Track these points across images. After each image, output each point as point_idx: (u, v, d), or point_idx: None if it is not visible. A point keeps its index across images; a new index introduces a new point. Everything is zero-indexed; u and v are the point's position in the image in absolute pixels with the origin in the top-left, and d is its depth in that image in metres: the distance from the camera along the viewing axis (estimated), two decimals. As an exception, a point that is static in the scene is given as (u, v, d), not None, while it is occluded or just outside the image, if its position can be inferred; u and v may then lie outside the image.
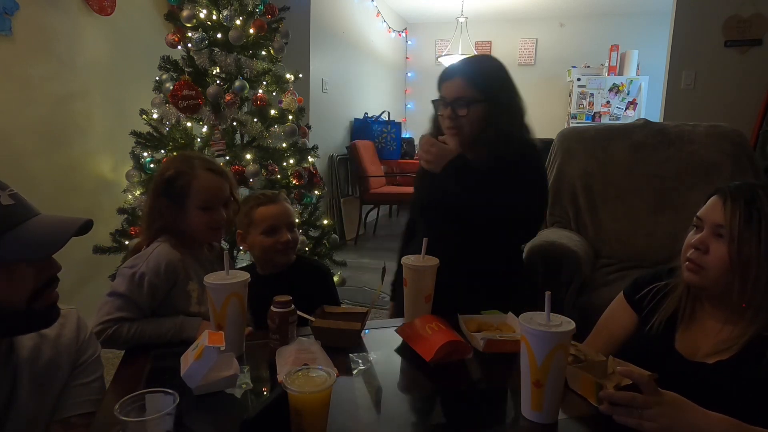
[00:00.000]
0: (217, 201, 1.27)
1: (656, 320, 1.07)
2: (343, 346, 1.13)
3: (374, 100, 5.80)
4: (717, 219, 0.98)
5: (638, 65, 5.83)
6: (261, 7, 2.58)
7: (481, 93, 1.37)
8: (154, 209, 1.25)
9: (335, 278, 2.37)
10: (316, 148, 2.86)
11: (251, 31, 2.53)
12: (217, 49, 2.44)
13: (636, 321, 1.15)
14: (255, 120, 2.50)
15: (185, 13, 2.43)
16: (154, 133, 2.48)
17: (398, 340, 1.17)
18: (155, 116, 2.49)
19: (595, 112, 5.89)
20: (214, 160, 1.41)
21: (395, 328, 1.21)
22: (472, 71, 1.39)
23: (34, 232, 0.81)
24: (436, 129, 1.48)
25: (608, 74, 5.90)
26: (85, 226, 0.85)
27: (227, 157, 2.48)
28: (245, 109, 2.56)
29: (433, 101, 1.45)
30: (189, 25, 2.46)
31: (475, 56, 1.48)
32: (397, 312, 1.29)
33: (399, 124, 5.70)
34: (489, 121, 1.38)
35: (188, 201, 1.24)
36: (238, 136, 2.61)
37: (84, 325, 1.02)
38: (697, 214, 1.04)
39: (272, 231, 1.43)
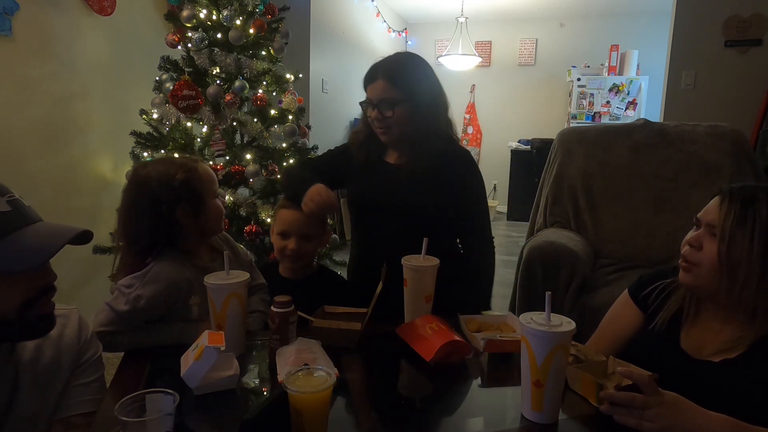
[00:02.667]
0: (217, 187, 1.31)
1: (660, 318, 1.07)
2: (343, 346, 1.13)
3: (374, 100, 5.80)
4: (711, 218, 0.99)
5: (638, 65, 5.82)
6: (261, 7, 2.58)
7: (404, 93, 1.40)
8: (162, 224, 1.17)
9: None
10: (316, 148, 2.86)
11: (251, 31, 2.53)
12: (217, 49, 2.44)
13: (641, 319, 1.15)
14: (255, 120, 2.50)
15: (185, 13, 2.43)
16: (154, 133, 2.48)
17: (398, 340, 1.17)
18: (155, 116, 2.49)
19: (595, 112, 5.89)
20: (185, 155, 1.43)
21: (396, 328, 1.21)
22: (394, 71, 1.42)
23: (25, 241, 0.78)
24: (367, 127, 1.51)
25: (608, 74, 5.89)
26: (83, 237, 0.83)
27: (227, 157, 2.48)
28: (245, 109, 2.56)
29: (361, 103, 1.47)
30: (189, 25, 2.46)
31: (396, 55, 1.49)
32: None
33: (399, 124, 5.69)
34: (413, 119, 1.42)
35: (206, 196, 1.23)
36: (238, 136, 2.60)
37: (85, 324, 1.02)
38: (698, 214, 1.04)
39: (284, 235, 1.42)
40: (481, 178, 1.53)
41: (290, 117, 2.66)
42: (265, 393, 0.99)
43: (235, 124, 2.48)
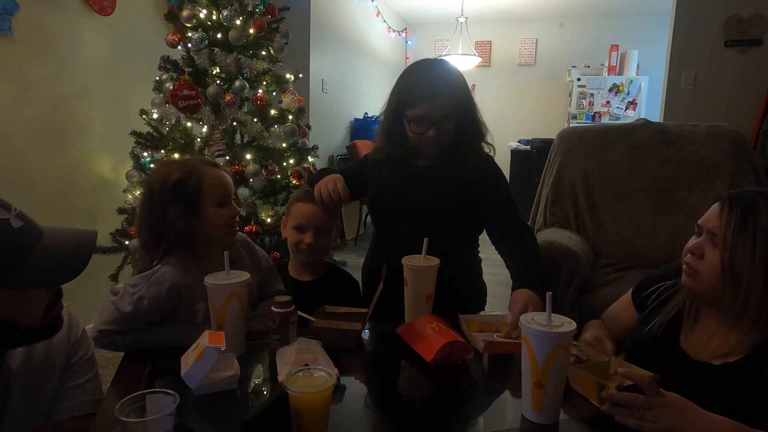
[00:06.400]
0: (230, 194, 1.23)
1: (657, 321, 1.07)
2: (343, 347, 1.13)
3: (374, 100, 5.80)
4: (712, 226, 0.98)
5: (638, 65, 5.83)
6: (261, 7, 2.58)
7: (462, 104, 1.37)
8: (158, 224, 1.16)
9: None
10: (316, 148, 2.86)
11: (251, 31, 2.53)
12: (217, 49, 2.44)
13: (637, 319, 1.15)
14: (255, 120, 2.50)
15: (185, 13, 2.43)
16: (154, 133, 2.48)
17: (399, 340, 1.16)
18: (155, 116, 2.49)
19: (595, 112, 5.89)
20: (203, 157, 1.38)
21: (396, 328, 1.21)
22: (453, 84, 1.36)
23: (50, 255, 0.78)
24: (395, 144, 1.41)
25: (608, 74, 5.90)
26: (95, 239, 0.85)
27: (227, 157, 2.48)
28: (245, 109, 2.56)
29: (409, 122, 1.35)
30: (189, 25, 2.46)
31: (438, 64, 1.39)
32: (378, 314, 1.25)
33: (399, 124, 5.69)
34: (465, 127, 1.39)
35: (203, 200, 1.18)
36: (238, 136, 2.60)
37: (75, 322, 0.99)
38: (698, 221, 1.04)
39: (300, 229, 1.41)
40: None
41: (290, 117, 2.66)
42: (265, 393, 0.99)
43: (235, 124, 2.48)
